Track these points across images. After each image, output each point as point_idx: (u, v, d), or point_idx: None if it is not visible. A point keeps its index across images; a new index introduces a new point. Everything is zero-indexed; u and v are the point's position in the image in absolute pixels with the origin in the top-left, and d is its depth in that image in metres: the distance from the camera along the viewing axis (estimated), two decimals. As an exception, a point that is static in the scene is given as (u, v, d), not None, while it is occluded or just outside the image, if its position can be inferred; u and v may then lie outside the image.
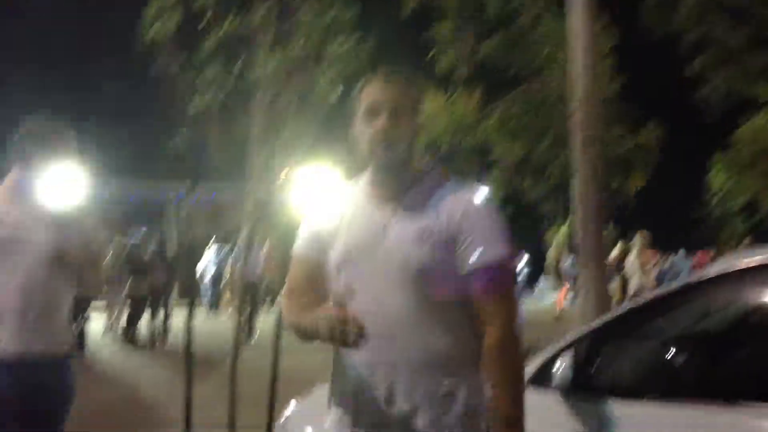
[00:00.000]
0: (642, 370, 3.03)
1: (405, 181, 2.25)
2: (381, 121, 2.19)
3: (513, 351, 2.13)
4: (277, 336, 5.39)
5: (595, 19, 7.32)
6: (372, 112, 2.21)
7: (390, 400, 2.16)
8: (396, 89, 2.24)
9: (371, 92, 2.24)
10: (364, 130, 2.23)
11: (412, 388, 2.14)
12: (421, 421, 2.13)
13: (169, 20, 5.21)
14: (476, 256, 2.12)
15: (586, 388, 2.84)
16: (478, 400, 2.16)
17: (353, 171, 2.42)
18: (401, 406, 2.14)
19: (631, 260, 12.00)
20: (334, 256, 2.27)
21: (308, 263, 2.36)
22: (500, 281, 2.16)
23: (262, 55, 5.24)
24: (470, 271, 2.12)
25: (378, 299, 2.16)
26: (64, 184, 3.53)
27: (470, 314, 2.16)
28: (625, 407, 2.72)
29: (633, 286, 11.82)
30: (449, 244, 2.14)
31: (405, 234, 2.17)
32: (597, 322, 3.20)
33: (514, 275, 2.37)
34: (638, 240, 12.06)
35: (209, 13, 5.29)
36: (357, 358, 2.19)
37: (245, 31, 5.33)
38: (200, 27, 5.33)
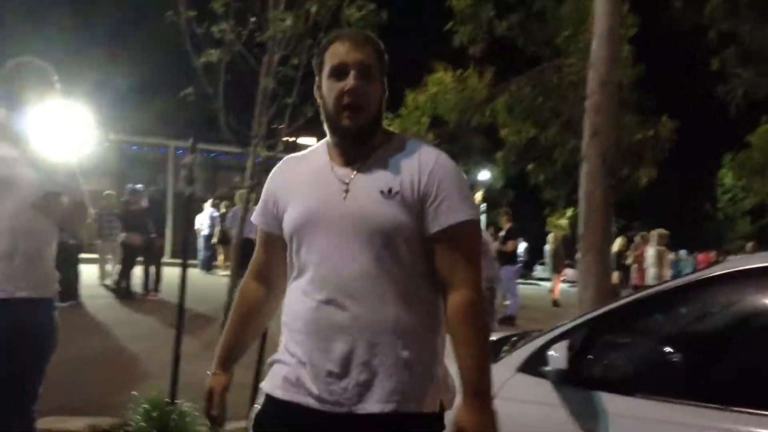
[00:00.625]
0: (636, 365, 2.98)
1: (369, 146, 2.15)
2: (350, 81, 2.08)
3: (482, 314, 2.06)
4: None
5: (620, 4, 7.19)
6: (339, 72, 2.10)
7: (345, 370, 2.03)
8: (365, 50, 2.12)
9: (339, 51, 2.11)
10: (330, 91, 2.11)
11: (370, 356, 2.02)
12: (378, 391, 2.01)
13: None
14: (446, 216, 2.04)
15: (579, 379, 2.79)
16: (438, 370, 2.09)
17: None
18: (357, 377, 2.02)
19: (651, 253, 12.31)
20: (290, 222, 2.17)
21: (264, 238, 2.32)
22: (470, 241, 2.09)
23: (276, 15, 5.14)
24: (439, 230, 2.05)
25: (337, 264, 2.06)
26: (52, 124, 3.48)
27: (432, 281, 2.09)
28: (616, 402, 2.67)
29: (650, 276, 12.22)
30: (415, 204, 2.05)
31: (367, 193, 2.07)
32: (594, 313, 3.15)
33: (481, 238, 2.24)
34: (656, 238, 12.34)
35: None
36: (312, 325, 2.08)
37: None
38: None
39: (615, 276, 13.39)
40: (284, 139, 5.57)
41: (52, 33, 23.62)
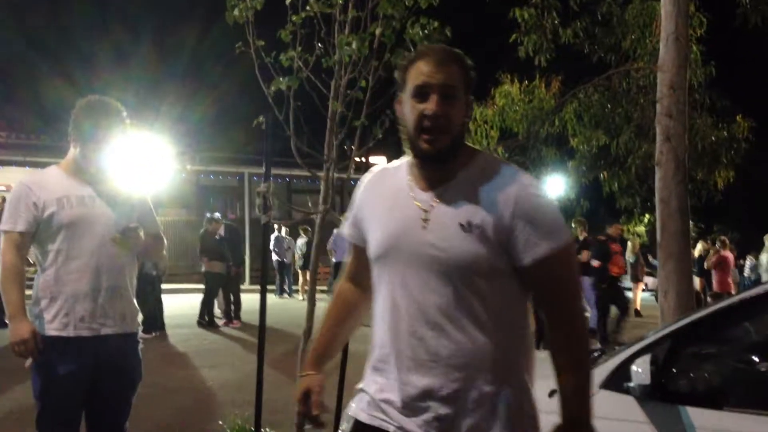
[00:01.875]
0: (723, 377, 2.91)
1: (450, 168, 2.08)
2: (431, 104, 2.02)
3: (582, 346, 2.04)
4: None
5: (687, 5, 7.06)
6: (422, 93, 2.04)
7: (426, 404, 2.01)
8: (449, 70, 2.04)
9: (423, 71, 2.04)
10: (411, 112, 2.05)
11: (452, 390, 1.99)
12: (461, 425, 1.98)
13: (252, 2, 5.23)
14: (533, 249, 1.97)
15: (664, 394, 2.74)
16: (523, 404, 2.04)
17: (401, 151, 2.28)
18: (439, 411, 2.00)
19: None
20: (371, 246, 2.17)
21: (354, 248, 2.34)
22: (563, 269, 2.03)
23: (342, 38, 5.21)
24: (529, 264, 1.98)
25: (415, 295, 2.03)
26: (126, 160, 3.57)
27: (515, 312, 2.05)
28: (704, 417, 2.61)
29: None
30: (497, 238, 1.98)
31: (447, 226, 2.02)
32: (677, 324, 3.09)
33: (575, 261, 2.17)
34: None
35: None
36: (393, 356, 2.07)
37: (326, 13, 5.31)
38: (285, 4, 5.33)
39: (697, 282, 13.04)
40: (356, 159, 5.63)
41: (133, 70, 24.49)
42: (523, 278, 2.02)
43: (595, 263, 11.91)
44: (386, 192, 2.18)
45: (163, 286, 12.74)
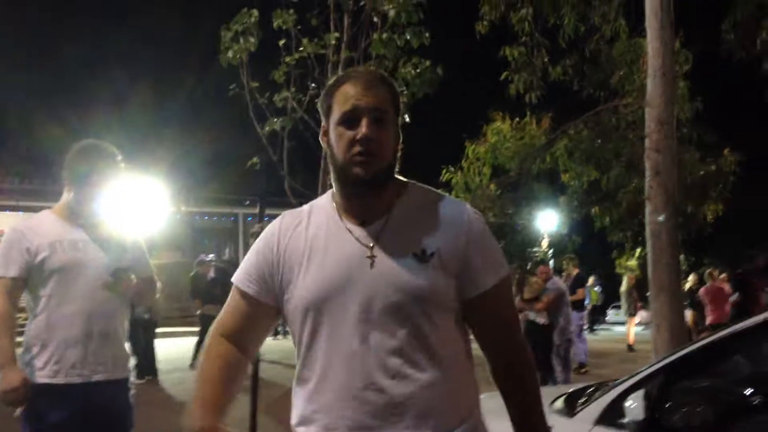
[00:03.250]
0: (718, 410, 2.91)
1: (385, 198, 1.90)
2: (363, 128, 1.82)
3: (528, 370, 1.94)
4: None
5: (673, 42, 7.18)
6: (351, 119, 1.83)
7: None
8: (380, 92, 1.87)
9: (350, 94, 1.85)
10: (340, 140, 1.85)
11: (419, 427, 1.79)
12: None
13: (246, 44, 5.31)
14: (485, 278, 1.87)
15: (658, 430, 2.74)
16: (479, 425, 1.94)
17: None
18: None
19: None
20: (302, 296, 1.87)
21: (248, 300, 1.97)
22: (508, 298, 1.99)
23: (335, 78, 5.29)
24: (480, 294, 1.87)
25: (372, 343, 1.80)
26: (119, 204, 3.58)
27: (464, 344, 1.93)
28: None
29: None
30: (453, 266, 1.84)
31: (399, 258, 1.82)
32: (670, 358, 3.10)
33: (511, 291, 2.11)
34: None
35: (284, 39, 5.38)
36: (344, 423, 1.82)
37: (319, 53, 5.39)
38: (278, 46, 5.40)
39: (689, 315, 13.05)
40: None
41: (127, 113, 24.62)
42: (467, 310, 1.91)
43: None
44: (311, 234, 1.92)
45: (157, 329, 12.64)
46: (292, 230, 1.95)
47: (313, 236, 1.91)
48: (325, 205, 1.97)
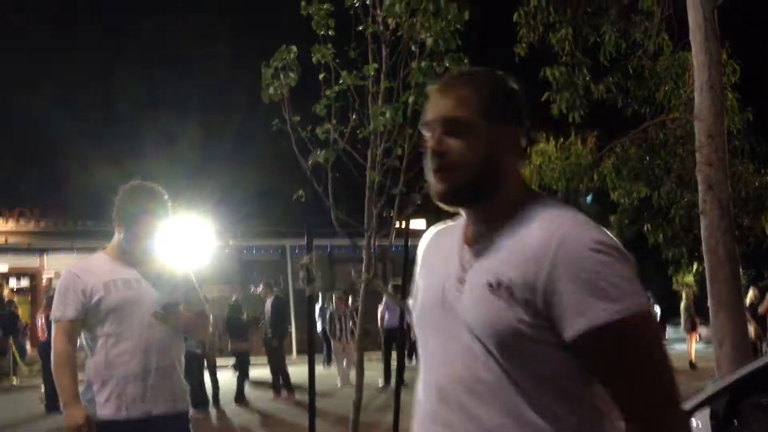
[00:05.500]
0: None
1: (497, 218, 1.66)
2: (431, 140, 1.66)
3: None
4: (398, 392, 5.34)
5: (719, 54, 7.06)
6: (428, 129, 1.68)
7: None
8: (454, 96, 1.65)
9: (429, 102, 1.70)
10: (425, 153, 1.69)
11: None
12: None
13: (286, 79, 5.36)
14: (577, 318, 1.49)
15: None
16: None
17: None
18: None
19: None
20: (413, 313, 1.80)
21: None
22: (628, 349, 1.49)
23: (376, 109, 5.30)
24: (575, 336, 1.49)
25: (444, 370, 1.64)
26: (169, 242, 3.64)
27: (579, 392, 1.57)
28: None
29: None
30: (530, 300, 1.53)
31: (477, 287, 1.61)
32: (735, 375, 3.02)
33: (654, 334, 1.55)
34: None
35: (323, 73, 5.42)
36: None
37: (359, 85, 5.42)
38: (319, 79, 5.45)
39: (751, 330, 12.72)
40: (396, 227, 5.66)
41: (175, 152, 25.17)
42: (575, 355, 1.54)
43: None
44: (439, 251, 1.80)
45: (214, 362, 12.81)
46: (427, 247, 1.88)
47: (438, 254, 1.79)
48: (460, 222, 1.80)
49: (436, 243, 1.85)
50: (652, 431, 1.50)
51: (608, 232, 1.57)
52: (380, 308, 16.38)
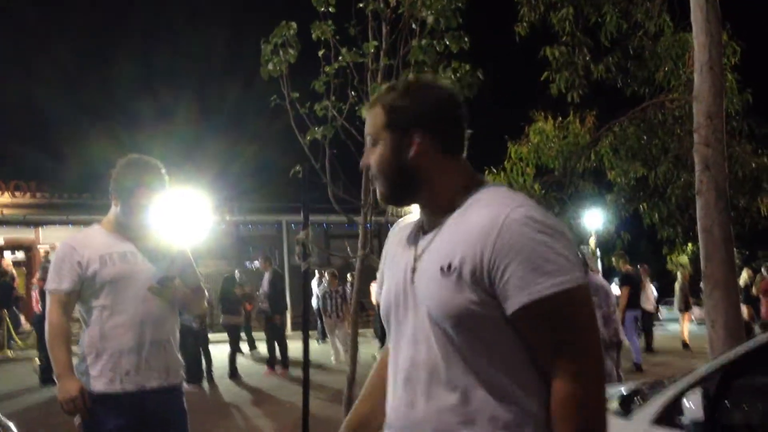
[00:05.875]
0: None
1: (445, 206, 1.79)
2: (365, 155, 1.88)
3: (586, 412, 1.61)
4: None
5: (720, 35, 7.03)
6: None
7: None
8: (371, 115, 1.84)
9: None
10: None
11: None
12: None
13: (285, 56, 5.34)
14: (520, 293, 1.61)
15: (717, 429, 2.68)
16: None
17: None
18: None
19: None
20: (381, 304, 1.94)
21: None
22: (563, 318, 1.62)
23: (375, 86, 5.29)
24: (516, 310, 1.62)
25: (409, 354, 1.76)
26: (165, 216, 3.64)
27: (527, 368, 1.68)
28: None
29: None
30: (477, 281, 1.64)
31: (429, 271, 1.73)
32: (728, 355, 3.03)
33: (585, 307, 1.67)
34: None
35: (323, 50, 5.40)
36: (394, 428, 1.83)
37: (358, 62, 5.40)
38: (318, 56, 5.43)
39: (744, 311, 12.80)
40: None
41: (174, 127, 25.12)
42: (516, 328, 1.66)
43: None
44: (400, 242, 1.94)
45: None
46: (391, 240, 2.01)
47: (399, 243, 1.94)
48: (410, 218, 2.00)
49: (398, 235, 1.97)
50: (578, 388, 1.60)
51: (548, 212, 1.71)
52: (373, 285, 16.25)
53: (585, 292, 1.65)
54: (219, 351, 13.83)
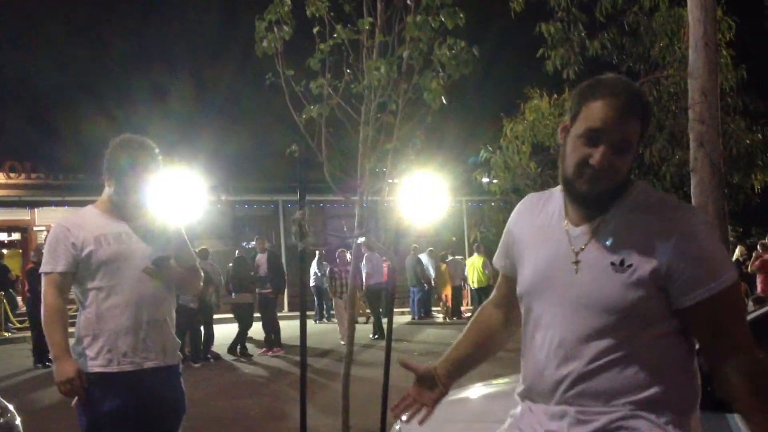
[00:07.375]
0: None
1: (602, 205, 1.92)
2: (597, 155, 1.84)
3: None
4: (389, 346, 5.39)
5: (715, 10, 7.00)
6: (590, 139, 1.85)
7: None
8: (630, 122, 1.85)
9: (599, 115, 1.84)
10: (574, 152, 1.89)
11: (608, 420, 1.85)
12: None
13: (280, 33, 5.31)
14: (697, 290, 1.81)
15: (711, 404, 2.70)
16: None
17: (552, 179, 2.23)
18: None
19: None
20: (520, 282, 2.06)
21: (502, 278, 2.26)
22: (732, 306, 1.86)
23: (370, 63, 5.26)
24: (692, 305, 1.82)
25: (565, 335, 1.90)
26: (159, 196, 3.62)
27: (680, 352, 1.90)
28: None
29: None
30: (654, 278, 1.81)
31: (599, 267, 1.87)
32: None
33: (740, 292, 1.97)
34: None
35: (318, 27, 5.37)
36: (545, 396, 1.97)
37: (354, 39, 5.37)
38: (313, 33, 5.41)
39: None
40: (388, 181, 5.66)
41: (168, 106, 24.94)
42: (682, 321, 1.88)
43: None
44: (538, 222, 2.06)
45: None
46: (524, 216, 2.13)
47: (539, 226, 2.04)
48: (557, 195, 2.06)
49: (533, 214, 2.09)
50: (757, 358, 1.84)
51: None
52: (362, 265, 15.98)
53: (739, 280, 1.88)
54: (220, 330, 13.89)
